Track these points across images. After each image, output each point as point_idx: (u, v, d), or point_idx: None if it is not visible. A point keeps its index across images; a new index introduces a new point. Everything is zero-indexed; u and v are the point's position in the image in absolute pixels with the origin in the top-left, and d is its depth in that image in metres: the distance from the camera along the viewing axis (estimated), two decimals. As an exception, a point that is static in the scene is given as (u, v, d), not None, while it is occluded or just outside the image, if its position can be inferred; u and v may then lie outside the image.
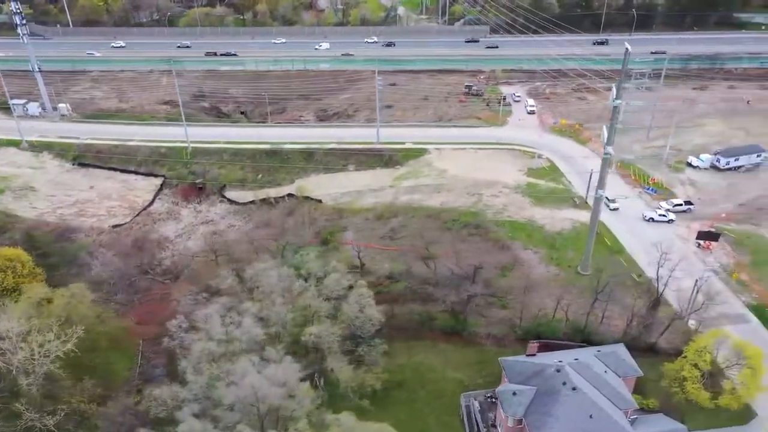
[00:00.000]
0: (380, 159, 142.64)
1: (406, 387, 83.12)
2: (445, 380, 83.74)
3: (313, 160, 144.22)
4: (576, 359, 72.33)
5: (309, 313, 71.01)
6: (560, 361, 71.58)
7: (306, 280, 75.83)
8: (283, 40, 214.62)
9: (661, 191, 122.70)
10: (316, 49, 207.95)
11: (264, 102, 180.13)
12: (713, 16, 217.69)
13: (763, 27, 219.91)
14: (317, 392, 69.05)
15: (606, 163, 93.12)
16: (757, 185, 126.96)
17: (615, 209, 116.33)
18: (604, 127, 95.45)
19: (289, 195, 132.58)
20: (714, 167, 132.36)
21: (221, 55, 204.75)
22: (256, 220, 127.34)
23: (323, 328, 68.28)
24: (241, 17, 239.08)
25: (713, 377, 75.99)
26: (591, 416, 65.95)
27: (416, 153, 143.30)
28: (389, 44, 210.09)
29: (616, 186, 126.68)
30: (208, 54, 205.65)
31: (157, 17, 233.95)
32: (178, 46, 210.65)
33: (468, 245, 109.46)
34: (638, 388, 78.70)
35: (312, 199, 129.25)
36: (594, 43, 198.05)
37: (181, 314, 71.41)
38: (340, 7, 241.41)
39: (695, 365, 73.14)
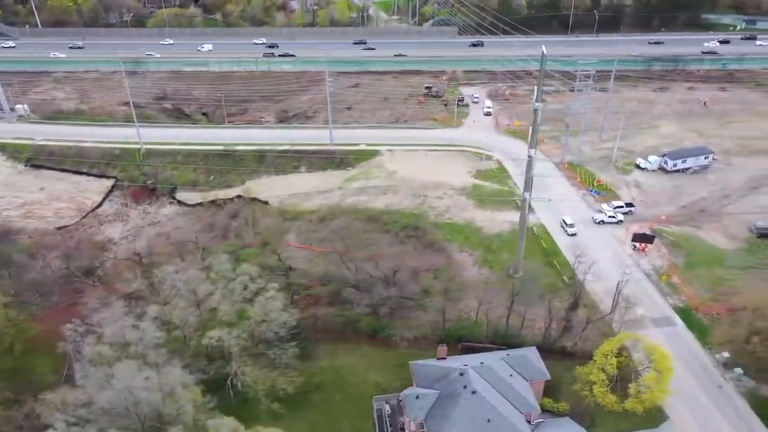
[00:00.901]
0: (332, 161, 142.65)
1: (324, 390, 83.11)
2: (364, 383, 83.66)
3: (266, 161, 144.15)
4: (482, 363, 72.41)
5: (214, 317, 71.02)
6: (465, 365, 71.72)
7: (214, 283, 75.78)
8: (263, 40, 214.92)
9: (604, 193, 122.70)
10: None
11: (225, 103, 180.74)
12: (681, 18, 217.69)
13: (731, 28, 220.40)
14: (221, 397, 69.04)
15: (530, 166, 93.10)
16: (702, 187, 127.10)
17: (573, 234, 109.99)
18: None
19: (238, 197, 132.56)
20: (662, 169, 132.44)
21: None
22: (203, 222, 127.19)
23: (224, 332, 68.20)
24: (213, 18, 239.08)
25: (624, 381, 76.06)
26: (489, 420, 66.03)
27: (369, 154, 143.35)
28: (361, 42, 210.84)
29: (561, 188, 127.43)
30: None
31: (128, 18, 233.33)
32: (162, 44, 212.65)
33: (404, 247, 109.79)
34: (552, 392, 78.96)
35: (259, 200, 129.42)
36: (561, 42, 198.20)
37: (78, 317, 71.39)
38: (314, 8, 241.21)
39: (602, 369, 73.23)
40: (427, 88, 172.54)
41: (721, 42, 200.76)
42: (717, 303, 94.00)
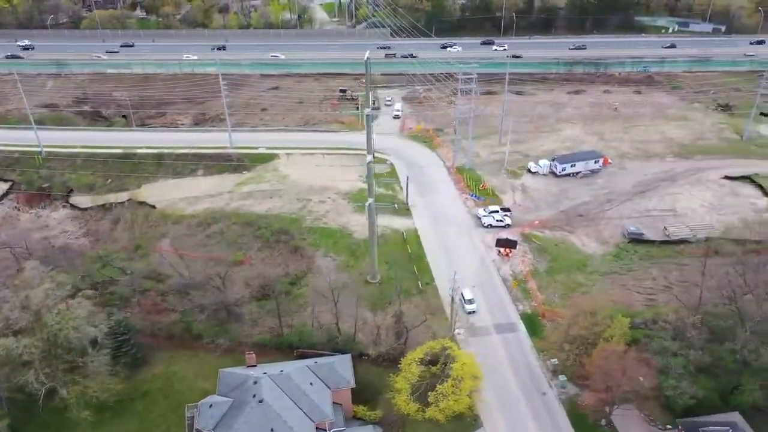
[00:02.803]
0: (230, 164, 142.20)
1: (150, 397, 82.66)
2: (191, 390, 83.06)
3: (165, 164, 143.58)
4: (281, 371, 72.13)
5: (6, 325, 70.57)
6: (265, 373, 71.47)
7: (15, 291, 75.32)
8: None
9: (483, 198, 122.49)
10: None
11: (146, 105, 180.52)
12: (613, 20, 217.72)
13: (663, 30, 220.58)
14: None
15: (371, 171, 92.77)
16: (588, 191, 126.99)
17: (472, 312, 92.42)
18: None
19: (129, 200, 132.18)
20: (552, 173, 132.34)
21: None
22: (89, 226, 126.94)
23: (10, 341, 67.76)
24: (152, 18, 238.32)
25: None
26: (272, 429, 65.71)
27: (266, 158, 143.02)
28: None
29: (446, 191, 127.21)
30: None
31: (65, 20, 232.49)
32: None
33: (271, 252, 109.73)
34: (375, 399, 78.77)
35: (147, 204, 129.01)
36: (482, 43, 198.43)
37: None
38: (250, 9, 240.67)
39: (406, 378, 73.05)
40: (341, 91, 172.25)
41: (668, 47, 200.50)
42: (565, 309, 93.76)
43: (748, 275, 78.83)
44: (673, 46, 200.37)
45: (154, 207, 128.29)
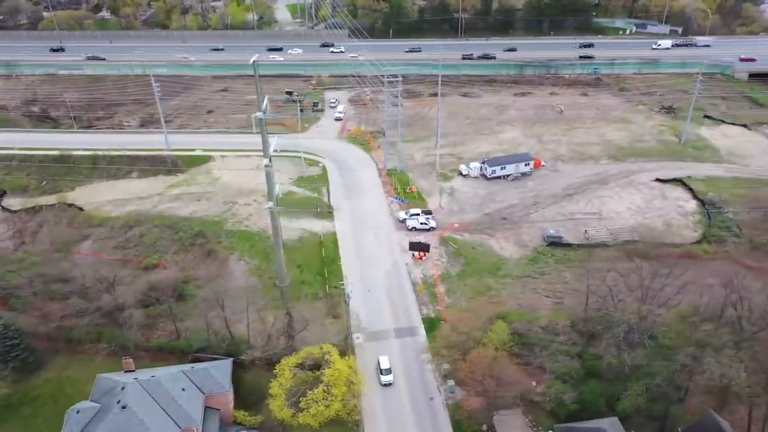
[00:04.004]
0: (165, 166, 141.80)
1: (38, 402, 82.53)
2: (81, 394, 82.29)
3: (100, 167, 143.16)
4: (153, 376, 71.88)
5: None
6: (136, 378, 71.21)
7: None
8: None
9: (407, 201, 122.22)
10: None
11: (95, 107, 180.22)
12: (571, 21, 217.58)
13: (621, 32, 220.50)
14: None
15: (270, 176, 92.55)
16: (515, 194, 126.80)
17: (388, 384, 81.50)
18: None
19: (58, 203, 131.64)
20: (483, 176, 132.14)
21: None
22: (17, 229, 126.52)
23: None
24: (112, 19, 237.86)
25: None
26: (133, 435, 65.47)
27: (201, 160, 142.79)
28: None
29: (374, 194, 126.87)
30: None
31: (24, 21, 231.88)
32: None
33: (186, 255, 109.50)
34: (256, 404, 78.46)
35: (76, 207, 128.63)
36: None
37: None
38: (211, 9, 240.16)
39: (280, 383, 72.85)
40: (287, 92, 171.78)
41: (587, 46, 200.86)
42: (468, 313, 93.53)
43: (630, 279, 78.69)
44: (590, 45, 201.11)
45: (81, 209, 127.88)
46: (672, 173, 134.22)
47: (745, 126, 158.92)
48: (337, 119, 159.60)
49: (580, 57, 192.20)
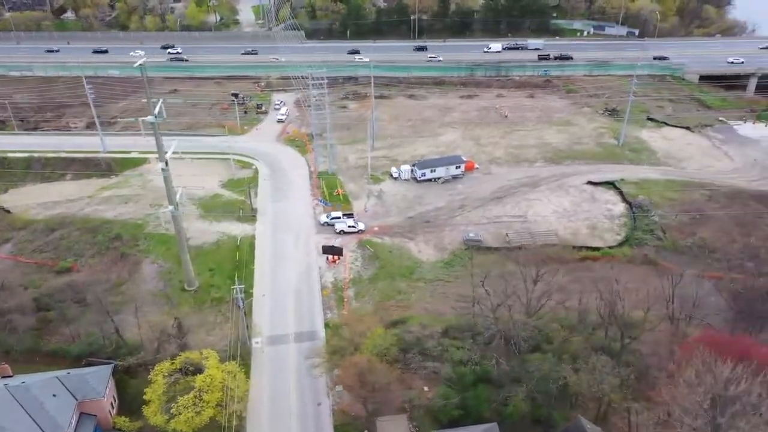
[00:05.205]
0: (100, 169, 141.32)
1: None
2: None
3: (35, 169, 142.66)
4: (23, 382, 71.44)
5: None
6: (6, 385, 70.73)
7: None
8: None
9: (330, 203, 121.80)
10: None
11: (44, 108, 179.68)
12: (528, 23, 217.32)
13: (579, 33, 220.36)
14: None
15: (168, 180, 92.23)
16: (444, 197, 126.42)
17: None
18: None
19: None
20: (414, 179, 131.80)
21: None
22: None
23: None
24: (70, 20, 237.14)
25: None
26: (-7, 442, 65.02)
27: (136, 162, 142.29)
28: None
29: (299, 198, 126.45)
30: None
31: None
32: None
33: (101, 258, 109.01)
34: (137, 410, 77.71)
35: (2, 209, 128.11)
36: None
37: None
38: (169, 12, 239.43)
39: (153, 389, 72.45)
40: (233, 95, 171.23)
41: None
42: (372, 317, 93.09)
43: (513, 283, 78.40)
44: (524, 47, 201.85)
45: (8, 212, 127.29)
46: (606, 176, 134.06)
47: (688, 128, 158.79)
48: (279, 121, 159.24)
49: (540, 58, 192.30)
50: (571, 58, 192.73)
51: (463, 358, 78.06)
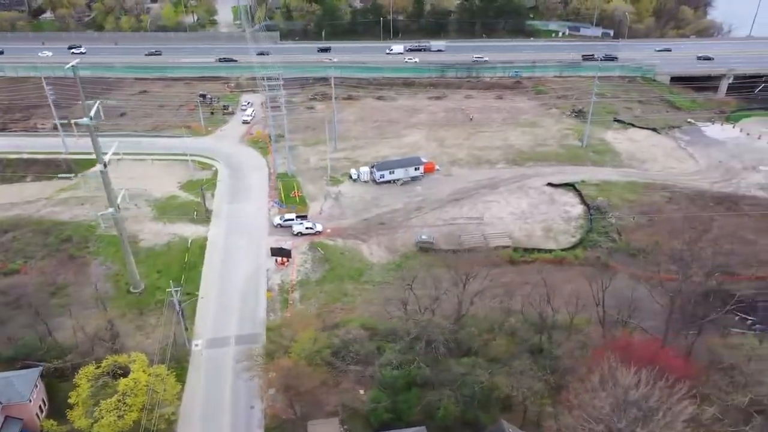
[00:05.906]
0: (61, 170, 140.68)
1: None
2: None
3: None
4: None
5: None
6: None
7: None
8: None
9: (285, 205, 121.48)
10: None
11: (14, 109, 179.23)
12: (504, 24, 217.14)
13: (554, 34, 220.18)
14: None
15: (107, 182, 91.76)
16: (401, 199, 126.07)
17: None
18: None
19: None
20: (373, 180, 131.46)
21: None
22: None
23: None
24: (52, 20, 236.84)
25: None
26: None
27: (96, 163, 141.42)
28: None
29: (256, 199, 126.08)
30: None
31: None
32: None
33: (49, 261, 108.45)
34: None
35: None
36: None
37: None
38: (144, 12, 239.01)
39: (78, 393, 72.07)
40: (201, 95, 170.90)
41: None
42: (316, 320, 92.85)
43: (445, 286, 78.12)
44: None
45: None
46: (567, 178, 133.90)
47: (654, 130, 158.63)
48: (245, 122, 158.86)
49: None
50: (616, 59, 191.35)
51: (392, 361, 77.54)
